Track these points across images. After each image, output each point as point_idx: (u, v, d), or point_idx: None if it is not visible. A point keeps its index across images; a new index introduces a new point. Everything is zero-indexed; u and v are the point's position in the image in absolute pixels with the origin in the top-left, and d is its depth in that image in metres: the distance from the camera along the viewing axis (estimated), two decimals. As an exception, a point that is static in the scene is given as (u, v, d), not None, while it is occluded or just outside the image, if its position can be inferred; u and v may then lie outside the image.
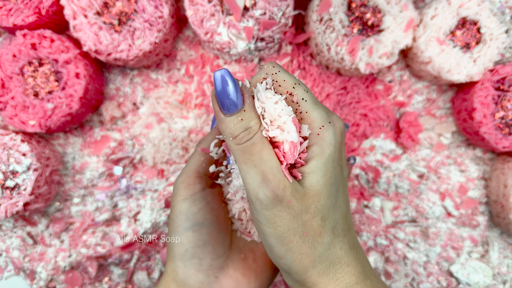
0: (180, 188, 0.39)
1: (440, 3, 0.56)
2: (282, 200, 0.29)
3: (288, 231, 0.30)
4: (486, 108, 0.57)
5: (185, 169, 0.40)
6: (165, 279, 0.38)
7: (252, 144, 0.29)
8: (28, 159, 0.54)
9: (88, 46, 0.53)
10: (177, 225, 0.38)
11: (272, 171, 0.29)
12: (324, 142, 0.30)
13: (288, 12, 0.53)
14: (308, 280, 0.32)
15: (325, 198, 0.30)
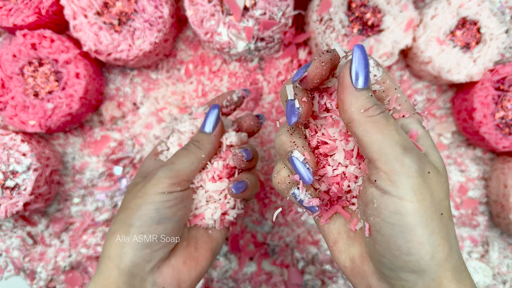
0: (163, 182, 0.37)
1: (440, 3, 0.56)
2: (424, 169, 0.27)
3: (432, 206, 0.27)
4: (486, 108, 0.57)
5: (177, 167, 0.38)
6: (106, 264, 0.36)
7: (385, 117, 0.28)
8: (28, 159, 0.54)
9: (88, 46, 0.53)
10: (143, 213, 0.36)
11: (409, 141, 0.28)
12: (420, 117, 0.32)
13: (288, 12, 0.53)
14: (447, 277, 0.27)
15: (447, 178, 0.29)
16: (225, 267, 0.63)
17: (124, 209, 0.38)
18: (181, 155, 0.40)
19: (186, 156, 0.40)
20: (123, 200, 0.40)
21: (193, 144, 0.40)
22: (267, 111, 0.61)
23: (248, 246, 0.62)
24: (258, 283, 0.62)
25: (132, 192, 0.39)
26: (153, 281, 0.37)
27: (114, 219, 0.38)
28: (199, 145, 0.40)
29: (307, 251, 0.62)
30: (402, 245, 0.27)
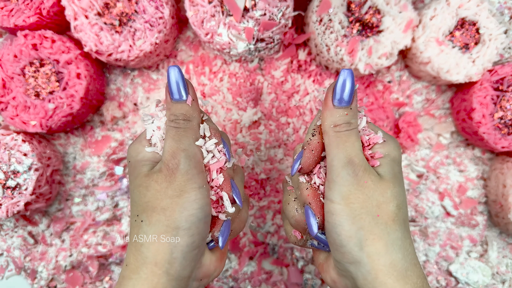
0: (193, 174, 0.34)
1: (439, 4, 0.56)
2: (359, 180, 0.32)
3: (361, 209, 0.32)
4: (485, 108, 0.57)
5: (190, 151, 0.34)
6: (153, 271, 0.33)
7: (349, 134, 0.34)
8: (29, 159, 0.54)
9: (89, 46, 0.53)
10: (190, 213, 0.33)
11: (358, 156, 0.33)
12: (390, 147, 0.35)
13: (288, 13, 0.53)
14: (382, 271, 0.31)
15: (399, 186, 0.34)
16: (225, 267, 0.63)
17: (161, 210, 0.34)
18: (182, 136, 0.35)
19: (187, 135, 0.35)
20: (140, 197, 0.35)
21: (181, 120, 0.35)
22: (268, 111, 0.61)
23: (248, 246, 0.63)
24: (258, 283, 0.63)
25: (153, 188, 0.34)
26: (194, 277, 0.36)
27: (146, 220, 0.34)
28: (187, 118, 0.35)
29: (307, 251, 0.63)
30: (336, 238, 0.33)
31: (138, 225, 0.34)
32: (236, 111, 0.60)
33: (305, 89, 0.62)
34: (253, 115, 0.59)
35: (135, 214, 0.35)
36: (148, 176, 0.35)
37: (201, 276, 0.37)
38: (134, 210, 0.35)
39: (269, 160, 0.62)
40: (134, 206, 0.36)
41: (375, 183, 0.33)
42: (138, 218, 0.35)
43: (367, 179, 0.33)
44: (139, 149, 0.37)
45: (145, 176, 0.35)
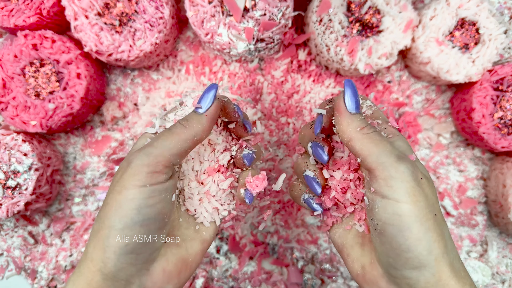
0: (141, 171, 0.32)
1: (439, 4, 0.56)
2: (417, 175, 0.31)
3: (426, 208, 0.30)
4: (485, 108, 0.57)
5: (156, 151, 0.33)
6: (89, 267, 0.32)
7: (379, 134, 0.33)
8: (29, 159, 0.54)
9: (89, 46, 0.53)
10: (124, 214, 0.31)
11: (402, 152, 0.32)
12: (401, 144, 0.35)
13: (288, 13, 0.53)
14: (445, 273, 0.30)
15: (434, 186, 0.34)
16: (225, 266, 0.63)
17: (104, 205, 0.33)
18: (162, 136, 0.34)
19: (168, 137, 0.34)
20: (108, 189, 0.34)
21: (179, 123, 0.35)
22: (268, 111, 0.61)
23: (248, 246, 0.63)
24: (258, 282, 0.63)
25: (113, 182, 0.34)
26: (140, 284, 0.34)
27: (97, 215, 0.34)
28: (186, 124, 0.35)
29: (307, 251, 0.63)
30: (402, 243, 0.30)
31: (96, 217, 0.34)
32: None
33: (305, 89, 0.62)
34: (253, 115, 0.59)
35: None
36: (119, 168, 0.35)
37: (149, 285, 0.34)
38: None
39: (270, 160, 0.62)
40: None
41: (426, 180, 0.32)
42: (99, 210, 0.35)
43: (421, 176, 0.32)
44: (139, 141, 0.37)
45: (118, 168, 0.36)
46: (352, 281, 0.63)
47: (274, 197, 0.62)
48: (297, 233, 0.63)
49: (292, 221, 0.63)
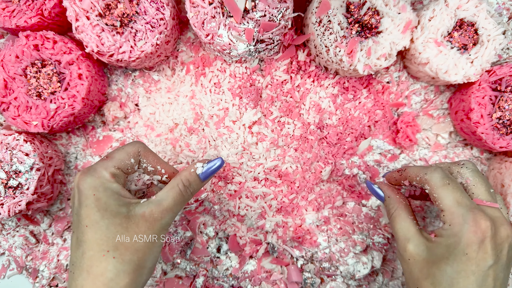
0: (166, 229, 0.42)
1: (438, 5, 0.57)
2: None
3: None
4: (483, 108, 0.57)
5: (176, 213, 0.43)
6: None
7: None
8: (31, 159, 0.54)
9: (90, 47, 0.53)
10: (155, 256, 0.42)
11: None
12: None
13: (288, 14, 0.54)
14: None
15: None
16: (226, 265, 0.63)
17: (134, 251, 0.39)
18: (180, 202, 0.42)
19: (183, 204, 0.43)
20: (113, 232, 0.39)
21: (190, 191, 0.43)
22: (267, 111, 0.61)
23: (248, 245, 0.63)
24: (258, 281, 0.63)
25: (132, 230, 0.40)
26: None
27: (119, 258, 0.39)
28: (193, 192, 0.44)
29: (306, 250, 0.63)
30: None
31: (107, 260, 0.38)
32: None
33: (305, 89, 0.62)
34: (253, 115, 0.60)
35: (103, 249, 0.38)
36: (128, 218, 0.39)
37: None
38: (102, 245, 0.38)
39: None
40: (103, 240, 0.38)
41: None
42: (108, 254, 0.38)
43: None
44: (103, 184, 0.40)
45: (125, 217, 0.39)
46: (351, 280, 0.63)
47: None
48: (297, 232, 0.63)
49: (292, 220, 0.63)
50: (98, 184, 0.39)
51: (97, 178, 0.39)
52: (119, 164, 0.41)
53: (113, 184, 0.40)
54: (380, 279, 0.64)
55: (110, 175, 0.40)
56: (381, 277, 0.64)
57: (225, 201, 0.62)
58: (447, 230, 0.40)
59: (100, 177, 0.39)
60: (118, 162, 0.41)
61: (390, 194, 0.48)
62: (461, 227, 0.39)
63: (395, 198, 0.47)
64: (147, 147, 0.44)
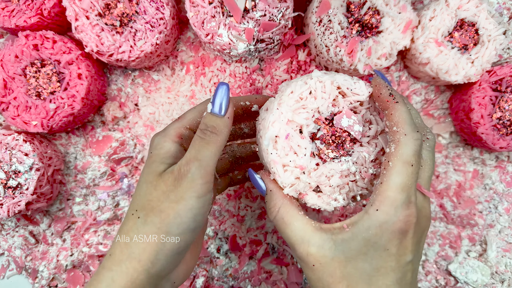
0: (197, 183, 0.34)
1: (438, 5, 0.57)
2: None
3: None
4: (483, 108, 0.57)
5: (204, 162, 0.35)
6: (134, 267, 0.34)
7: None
8: (31, 159, 0.54)
9: (90, 47, 0.53)
10: (182, 221, 0.34)
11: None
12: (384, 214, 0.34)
13: (288, 13, 0.53)
14: None
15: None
16: (226, 266, 0.63)
17: (158, 212, 0.35)
18: (202, 147, 0.36)
19: (207, 147, 0.36)
20: (146, 194, 0.36)
21: (209, 132, 0.36)
22: (267, 111, 0.61)
23: (248, 245, 0.63)
24: (258, 282, 0.63)
25: (160, 188, 0.35)
26: (168, 277, 0.37)
27: (142, 218, 0.35)
28: (216, 131, 0.36)
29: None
30: None
31: (133, 220, 0.36)
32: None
33: (305, 89, 0.62)
34: (253, 115, 0.59)
35: (134, 208, 0.36)
36: (160, 176, 0.36)
37: (175, 278, 0.38)
38: (135, 204, 0.36)
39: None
40: (137, 200, 0.36)
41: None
42: (136, 213, 0.36)
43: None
44: (165, 142, 0.38)
45: (158, 175, 0.36)
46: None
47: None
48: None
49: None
50: (159, 142, 0.38)
51: (162, 137, 0.38)
52: (190, 124, 0.39)
53: (173, 144, 0.37)
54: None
55: (177, 135, 0.38)
56: (382, 277, 0.64)
57: (224, 201, 0.62)
58: (368, 219, 0.33)
59: (165, 135, 0.38)
60: (188, 121, 0.39)
61: (273, 187, 0.38)
62: (389, 218, 0.32)
63: (279, 193, 0.38)
64: None
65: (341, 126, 0.37)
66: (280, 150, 0.36)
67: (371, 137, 0.38)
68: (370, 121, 0.38)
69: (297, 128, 0.37)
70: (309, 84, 0.36)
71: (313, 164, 0.37)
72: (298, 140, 0.36)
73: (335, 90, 0.37)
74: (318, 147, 0.37)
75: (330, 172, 0.37)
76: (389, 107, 0.35)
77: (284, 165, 0.36)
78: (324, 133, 0.37)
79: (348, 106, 0.37)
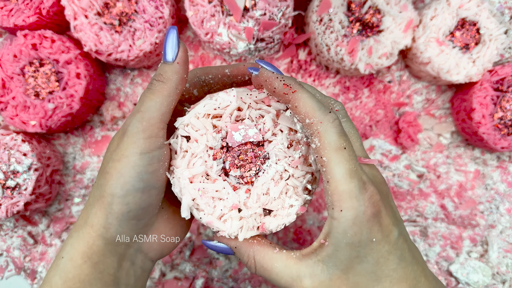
0: (138, 137, 0.32)
1: (439, 4, 0.56)
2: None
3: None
4: (485, 108, 0.57)
5: (147, 115, 0.32)
6: (89, 232, 0.33)
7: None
8: (29, 159, 0.54)
9: (88, 46, 0.53)
10: (126, 181, 0.32)
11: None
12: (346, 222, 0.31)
13: (288, 12, 0.53)
14: None
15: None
16: (225, 267, 0.63)
17: (103, 174, 0.33)
18: (146, 98, 0.33)
19: (152, 97, 0.33)
20: (103, 159, 0.34)
21: (155, 80, 0.33)
22: (267, 111, 0.61)
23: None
24: (258, 283, 0.63)
25: (109, 151, 0.34)
26: (138, 247, 0.36)
27: (95, 183, 0.35)
28: (162, 79, 0.33)
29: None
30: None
31: (93, 186, 0.35)
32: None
33: (305, 89, 0.62)
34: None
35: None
36: (113, 138, 0.34)
37: (145, 248, 0.36)
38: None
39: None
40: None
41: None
42: (96, 179, 0.35)
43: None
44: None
45: (113, 138, 0.35)
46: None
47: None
48: (298, 233, 0.62)
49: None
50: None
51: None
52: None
53: None
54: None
55: None
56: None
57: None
58: (338, 223, 0.30)
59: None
60: None
61: (234, 243, 0.35)
62: (357, 211, 0.29)
63: (243, 244, 0.35)
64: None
65: (238, 142, 0.34)
66: (206, 208, 0.34)
67: (271, 127, 0.34)
68: (260, 115, 0.34)
69: (203, 178, 0.34)
70: (185, 132, 0.34)
71: (243, 194, 0.33)
72: (213, 187, 0.33)
73: (208, 120, 0.34)
74: (236, 177, 0.34)
75: (263, 187, 0.34)
76: (290, 99, 0.31)
77: (220, 216, 0.34)
78: (230, 161, 0.34)
79: (231, 122, 0.34)
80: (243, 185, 0.34)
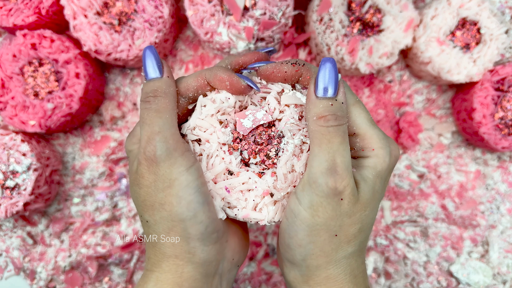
0: (175, 156, 0.30)
1: (440, 4, 0.56)
2: (337, 195, 0.29)
3: (323, 225, 0.30)
4: (485, 108, 0.57)
5: (167, 132, 0.31)
6: (176, 263, 0.32)
7: (337, 131, 0.30)
8: (28, 159, 0.54)
9: (88, 46, 0.53)
10: (187, 201, 0.30)
11: (344, 165, 0.29)
12: (378, 159, 0.31)
13: (288, 12, 0.53)
14: (314, 279, 0.32)
15: (371, 210, 0.32)
16: (225, 267, 0.63)
17: (159, 207, 0.31)
18: (155, 117, 0.31)
19: (160, 115, 0.32)
20: (136, 197, 0.33)
21: (152, 97, 0.32)
22: (267, 111, 0.61)
23: (248, 246, 0.62)
24: (258, 283, 0.62)
25: (143, 185, 0.32)
26: (226, 258, 0.35)
27: (151, 220, 0.33)
28: (160, 94, 0.32)
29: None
30: (286, 238, 0.32)
31: (146, 224, 0.33)
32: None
33: (305, 89, 0.62)
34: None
35: (139, 213, 0.34)
36: (136, 172, 0.32)
37: (229, 256, 0.35)
38: (138, 210, 0.34)
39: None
40: (135, 204, 0.34)
41: (349, 204, 0.30)
42: (142, 218, 0.34)
43: (344, 197, 0.30)
44: (132, 141, 0.35)
45: (135, 172, 0.33)
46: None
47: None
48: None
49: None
50: (129, 143, 0.37)
51: (131, 138, 0.37)
52: None
53: None
54: (382, 281, 0.63)
55: None
56: (383, 279, 0.63)
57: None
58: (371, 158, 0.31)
59: (133, 136, 0.36)
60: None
61: None
62: (385, 155, 0.31)
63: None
64: None
65: (249, 128, 0.33)
66: (238, 203, 0.33)
67: (277, 105, 0.33)
68: (262, 98, 0.34)
69: (226, 175, 0.33)
70: (194, 136, 0.33)
71: (270, 178, 0.33)
72: (238, 181, 0.33)
73: (213, 118, 0.33)
74: (258, 164, 0.34)
75: (287, 165, 0.33)
76: (302, 72, 0.33)
77: (254, 207, 0.33)
78: (248, 148, 0.34)
79: (236, 115, 0.34)
80: (267, 169, 0.34)
